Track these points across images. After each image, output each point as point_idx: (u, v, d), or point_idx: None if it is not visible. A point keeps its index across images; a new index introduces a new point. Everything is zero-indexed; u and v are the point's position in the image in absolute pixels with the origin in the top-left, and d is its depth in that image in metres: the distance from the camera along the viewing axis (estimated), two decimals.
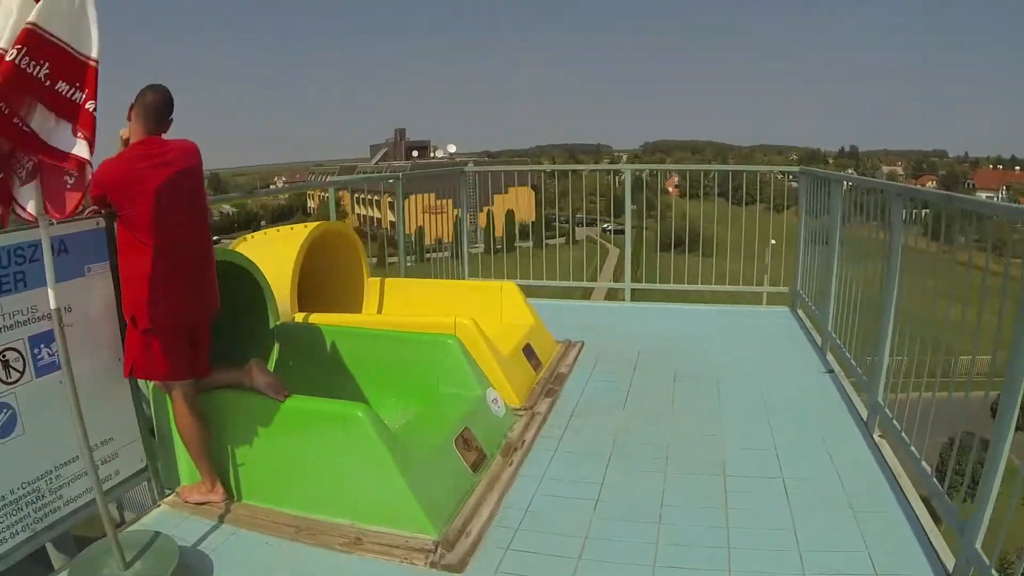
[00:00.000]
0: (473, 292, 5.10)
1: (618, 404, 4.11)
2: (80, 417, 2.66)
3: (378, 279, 5.30)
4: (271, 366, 4.12)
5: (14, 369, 2.84)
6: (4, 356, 2.83)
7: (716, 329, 5.84)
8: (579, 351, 5.08)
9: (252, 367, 3.20)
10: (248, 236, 5.21)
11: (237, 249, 4.99)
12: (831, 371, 4.64)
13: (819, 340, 5.21)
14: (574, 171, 8.30)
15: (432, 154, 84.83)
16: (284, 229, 5.00)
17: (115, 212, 2.91)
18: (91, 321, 3.03)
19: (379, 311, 5.26)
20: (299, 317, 4.49)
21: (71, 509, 2.98)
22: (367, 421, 2.88)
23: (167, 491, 3.33)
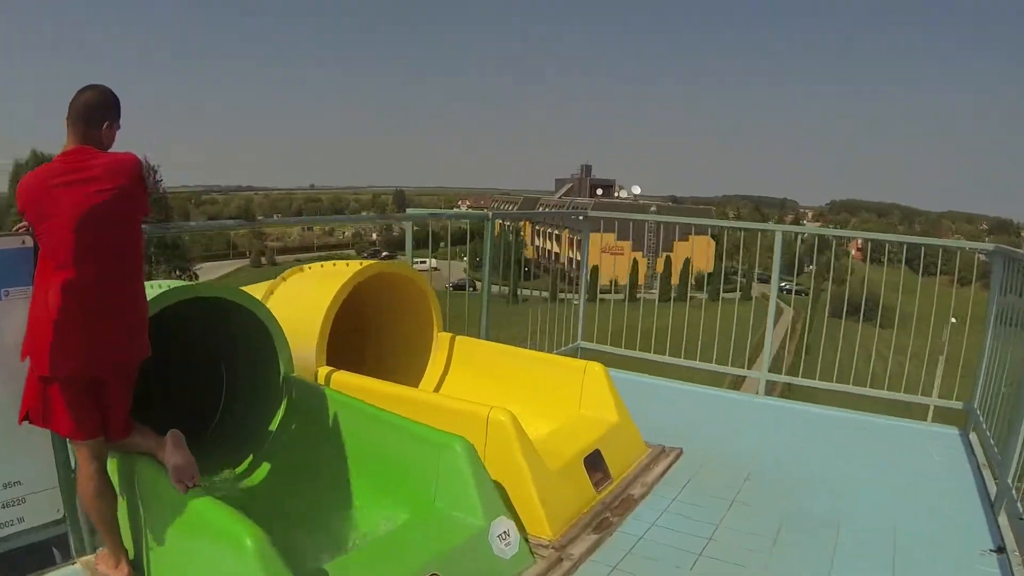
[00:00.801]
0: (551, 368, 4.16)
1: (686, 559, 3.00)
2: None
3: (449, 336, 4.53)
4: (274, 425, 3.49)
5: None
6: None
7: (859, 452, 4.49)
8: (671, 463, 3.99)
9: (167, 440, 2.57)
10: (306, 267, 4.65)
11: (289, 279, 4.46)
12: (1002, 550, 3.22)
13: (992, 491, 3.78)
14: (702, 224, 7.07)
15: (616, 194, 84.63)
16: (340, 264, 4.37)
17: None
18: (4, 350, 2.54)
19: (443, 376, 4.49)
20: (323, 373, 3.82)
21: None
22: (254, 555, 2.11)
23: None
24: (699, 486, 3.75)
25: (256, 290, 4.29)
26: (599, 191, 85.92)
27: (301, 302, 4.00)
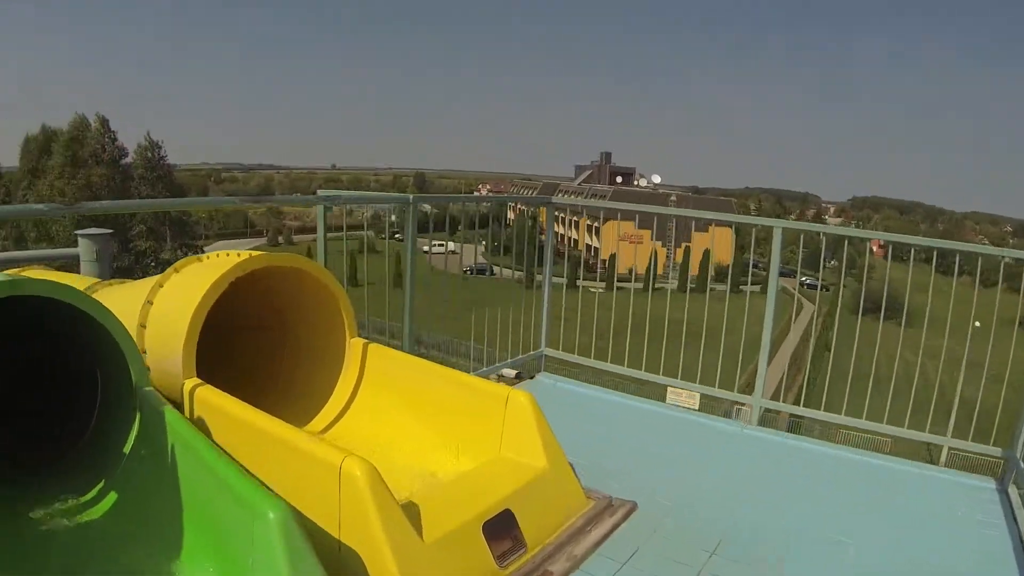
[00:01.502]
0: (470, 395, 3.32)
1: None
2: None
3: (362, 343, 3.70)
4: (127, 447, 2.80)
5: None
6: None
7: (866, 511, 3.64)
8: (616, 525, 3.14)
9: None
10: (204, 256, 3.87)
11: (182, 271, 3.70)
12: None
13: None
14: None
15: (636, 182, 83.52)
16: (233, 254, 3.58)
17: None
18: None
19: (352, 395, 3.70)
20: (188, 386, 3.05)
21: None
22: None
23: None
24: (650, 559, 2.92)
25: (147, 283, 3.58)
26: (619, 179, 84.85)
27: (180, 299, 3.27)
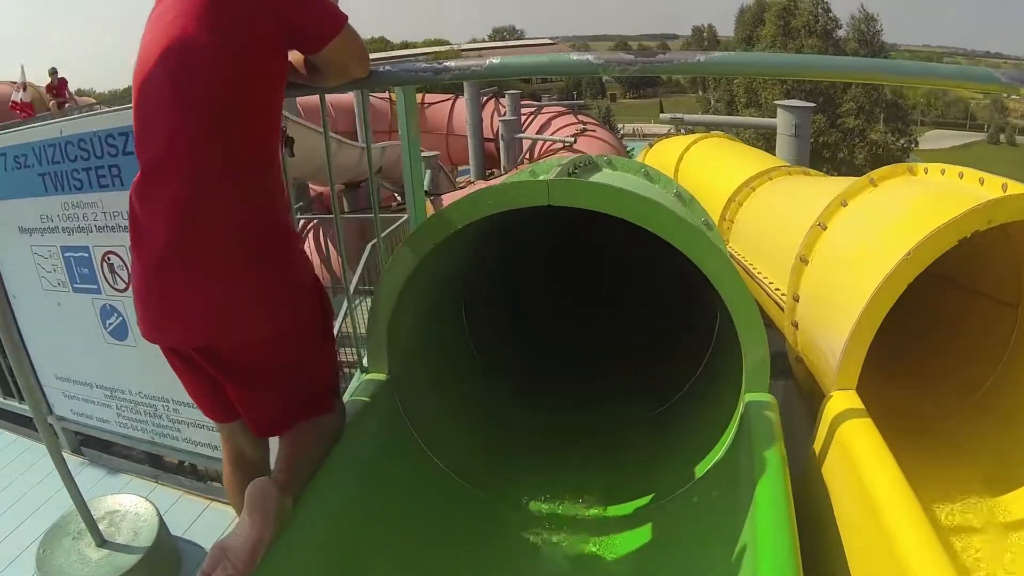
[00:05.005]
0: None
1: None
2: None
3: None
4: (717, 451, 1.99)
5: (119, 277, 2.61)
6: (108, 260, 2.60)
7: None
8: None
9: (247, 493, 1.42)
10: (918, 167, 2.41)
11: (883, 184, 2.38)
12: None
13: None
14: None
15: None
16: (956, 178, 2.21)
17: None
18: None
19: None
20: (837, 404, 1.92)
21: (188, 448, 2.92)
22: None
23: None
24: None
25: (830, 189, 2.55)
26: None
27: (865, 248, 2.12)
